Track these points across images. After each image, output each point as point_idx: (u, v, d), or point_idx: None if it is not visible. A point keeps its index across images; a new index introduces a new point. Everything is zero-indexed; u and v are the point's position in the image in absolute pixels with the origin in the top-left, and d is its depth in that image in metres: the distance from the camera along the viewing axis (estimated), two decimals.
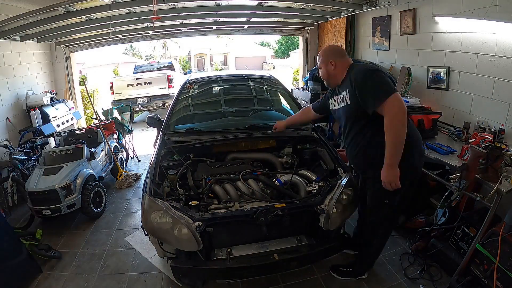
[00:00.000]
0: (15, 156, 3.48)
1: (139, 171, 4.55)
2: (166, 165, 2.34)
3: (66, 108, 5.25)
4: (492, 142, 2.24)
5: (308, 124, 2.77)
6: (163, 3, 3.57)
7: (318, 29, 6.30)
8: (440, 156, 2.36)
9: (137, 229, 2.98)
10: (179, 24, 5.49)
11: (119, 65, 17.19)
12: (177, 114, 3.02)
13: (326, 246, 2.05)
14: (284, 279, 2.27)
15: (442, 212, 2.29)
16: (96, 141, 4.05)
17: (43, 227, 3.04)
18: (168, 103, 6.51)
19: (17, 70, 4.57)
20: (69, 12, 3.73)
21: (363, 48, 4.94)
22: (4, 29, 3.90)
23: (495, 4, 2.47)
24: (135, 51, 29.61)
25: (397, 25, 3.92)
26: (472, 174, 1.94)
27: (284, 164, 2.52)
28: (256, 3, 4.51)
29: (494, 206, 1.84)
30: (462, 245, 2.16)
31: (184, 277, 2.22)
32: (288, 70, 18.17)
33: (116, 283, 2.33)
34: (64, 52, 5.74)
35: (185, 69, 13.53)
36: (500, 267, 1.76)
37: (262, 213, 1.84)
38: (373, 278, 2.26)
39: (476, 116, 2.85)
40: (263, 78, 3.63)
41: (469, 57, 2.89)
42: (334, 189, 2.00)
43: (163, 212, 1.83)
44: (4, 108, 4.25)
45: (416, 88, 3.60)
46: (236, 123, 2.84)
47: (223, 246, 2.00)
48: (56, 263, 2.57)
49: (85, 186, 3.17)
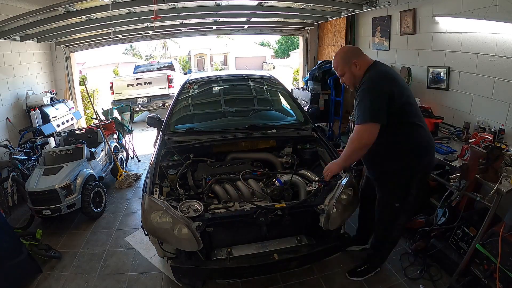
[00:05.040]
0: (15, 156, 3.49)
1: (139, 171, 4.55)
2: (166, 165, 2.34)
3: (66, 108, 5.25)
4: (492, 142, 2.24)
5: (308, 125, 2.77)
6: (163, 3, 3.57)
7: (318, 29, 6.31)
8: (440, 156, 2.36)
9: (137, 229, 2.98)
10: (179, 24, 5.50)
11: (119, 65, 17.17)
12: (177, 114, 3.01)
13: (326, 246, 2.05)
14: (284, 279, 2.27)
15: (442, 212, 2.29)
16: (96, 141, 4.05)
17: (43, 227, 3.05)
18: (168, 103, 6.52)
19: (17, 70, 4.57)
20: (69, 12, 3.73)
21: (363, 48, 4.91)
22: (4, 29, 3.90)
23: (495, 4, 2.47)
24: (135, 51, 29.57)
25: (397, 25, 3.92)
26: (472, 174, 1.94)
27: (284, 164, 2.52)
28: (256, 3, 4.51)
29: (494, 206, 1.84)
30: (462, 245, 2.16)
31: (184, 277, 2.22)
32: (288, 70, 18.16)
33: (116, 283, 2.33)
34: (64, 52, 5.74)
35: (185, 69, 13.54)
36: (500, 267, 1.76)
37: (262, 213, 1.84)
38: (373, 278, 2.25)
39: (476, 116, 2.85)
40: (263, 78, 3.63)
41: (469, 57, 2.89)
42: (334, 189, 2.00)
43: (163, 212, 1.83)
44: (4, 108, 4.25)
45: (416, 88, 3.60)
46: (236, 123, 2.83)
47: (223, 246, 2.00)
48: (56, 263, 2.57)
49: (85, 186, 3.17)
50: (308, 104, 4.86)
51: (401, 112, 1.76)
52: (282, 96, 3.48)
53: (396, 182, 1.91)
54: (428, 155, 1.87)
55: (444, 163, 2.32)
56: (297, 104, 3.15)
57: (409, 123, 1.81)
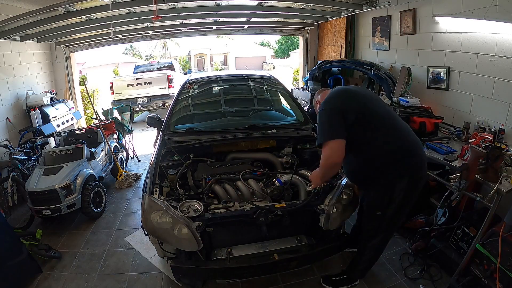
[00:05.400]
0: (15, 156, 3.49)
1: (139, 171, 4.55)
2: (166, 165, 2.34)
3: (66, 108, 5.25)
4: (492, 142, 2.24)
5: (308, 125, 2.77)
6: (163, 3, 3.57)
7: (318, 29, 6.30)
8: (440, 156, 2.36)
9: (137, 229, 2.98)
10: (179, 24, 5.50)
11: (119, 65, 17.15)
12: (177, 114, 3.01)
13: (326, 246, 2.05)
14: (284, 279, 2.27)
15: (442, 212, 2.29)
16: (96, 141, 4.05)
17: (43, 227, 3.05)
18: (168, 103, 6.51)
19: (17, 70, 4.57)
20: (69, 12, 3.73)
21: (363, 48, 4.94)
22: (4, 29, 3.90)
23: (495, 4, 2.47)
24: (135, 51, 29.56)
25: (397, 25, 3.92)
26: (472, 174, 1.94)
27: (284, 164, 2.52)
28: (256, 3, 4.51)
29: (494, 206, 1.84)
30: (462, 245, 2.16)
31: (184, 277, 2.22)
32: (288, 70, 18.14)
33: (116, 283, 2.33)
34: (64, 52, 5.74)
35: (185, 69, 13.53)
36: (500, 267, 1.76)
37: (262, 213, 1.84)
38: (373, 278, 2.25)
39: (476, 116, 2.85)
40: (263, 78, 3.63)
41: (469, 57, 2.89)
42: (334, 189, 2.00)
43: (163, 212, 1.83)
44: (4, 108, 4.25)
45: (416, 88, 3.60)
46: (236, 123, 2.83)
47: (223, 246, 2.00)
48: (56, 263, 2.57)
49: (85, 186, 3.17)
50: (308, 104, 4.86)
51: (360, 124, 1.73)
52: (282, 96, 3.48)
53: (375, 191, 1.88)
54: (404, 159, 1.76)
55: (444, 163, 2.32)
56: (297, 104, 3.15)
57: (374, 133, 1.76)
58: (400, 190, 1.78)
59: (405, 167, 1.77)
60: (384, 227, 1.96)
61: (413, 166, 1.79)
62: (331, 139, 1.70)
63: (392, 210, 1.84)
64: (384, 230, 1.97)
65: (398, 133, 1.81)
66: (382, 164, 1.79)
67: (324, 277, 2.24)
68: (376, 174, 1.82)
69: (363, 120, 1.75)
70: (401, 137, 1.81)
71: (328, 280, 2.21)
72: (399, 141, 1.79)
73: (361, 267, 2.17)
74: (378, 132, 1.77)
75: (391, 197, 1.81)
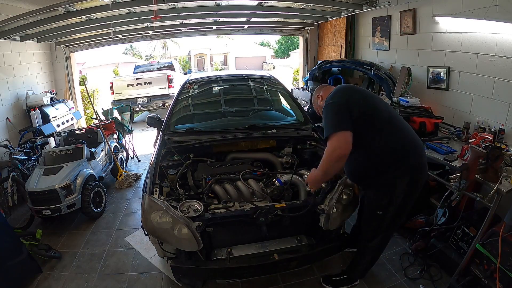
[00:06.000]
0: (15, 156, 3.49)
1: (139, 171, 4.55)
2: (166, 165, 2.34)
3: (66, 108, 5.25)
4: (492, 142, 2.25)
5: (308, 125, 2.77)
6: (163, 3, 3.57)
7: (318, 29, 6.30)
8: (440, 156, 2.36)
9: (137, 229, 2.98)
10: (179, 24, 5.50)
11: (119, 65, 17.15)
12: (177, 114, 3.01)
13: (326, 246, 2.05)
14: (284, 279, 2.27)
15: (442, 212, 2.29)
16: (96, 141, 4.05)
17: (43, 227, 3.05)
18: (168, 103, 6.52)
19: (17, 70, 4.57)
20: (69, 12, 3.73)
21: (363, 48, 4.94)
22: (4, 29, 3.90)
23: (495, 4, 2.47)
24: (135, 51, 29.55)
25: (397, 25, 3.92)
26: (472, 174, 1.94)
27: (284, 164, 2.52)
28: (256, 3, 4.51)
29: (494, 206, 1.84)
30: (462, 245, 2.16)
31: (184, 277, 2.22)
32: (288, 70, 18.15)
33: (116, 283, 2.33)
34: (64, 52, 5.74)
35: (185, 69, 13.52)
36: (500, 267, 1.76)
37: (262, 213, 1.84)
38: (373, 278, 2.25)
39: (476, 116, 2.85)
40: (263, 78, 3.63)
41: (469, 57, 2.89)
42: (334, 189, 2.00)
43: (163, 212, 1.83)
44: (4, 108, 4.25)
45: (416, 88, 3.60)
46: (236, 123, 2.83)
47: (223, 246, 2.00)
48: (56, 263, 2.57)
49: (85, 186, 3.17)
50: (308, 104, 4.86)
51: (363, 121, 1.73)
52: (282, 96, 3.48)
53: (375, 191, 1.88)
54: (405, 159, 1.76)
55: (444, 163, 2.32)
56: (297, 104, 3.15)
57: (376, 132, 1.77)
58: (400, 190, 1.79)
59: (406, 167, 1.77)
60: (384, 227, 1.96)
61: (414, 166, 1.79)
62: (339, 130, 1.69)
63: (392, 210, 1.85)
64: (384, 230, 1.97)
65: (400, 133, 1.82)
66: (383, 164, 1.79)
67: (324, 277, 2.24)
68: (377, 173, 1.82)
69: (367, 117, 1.76)
70: (403, 137, 1.81)
71: (328, 280, 2.21)
72: (401, 141, 1.80)
73: (361, 267, 2.17)
74: (381, 131, 1.78)
75: (391, 197, 1.81)
